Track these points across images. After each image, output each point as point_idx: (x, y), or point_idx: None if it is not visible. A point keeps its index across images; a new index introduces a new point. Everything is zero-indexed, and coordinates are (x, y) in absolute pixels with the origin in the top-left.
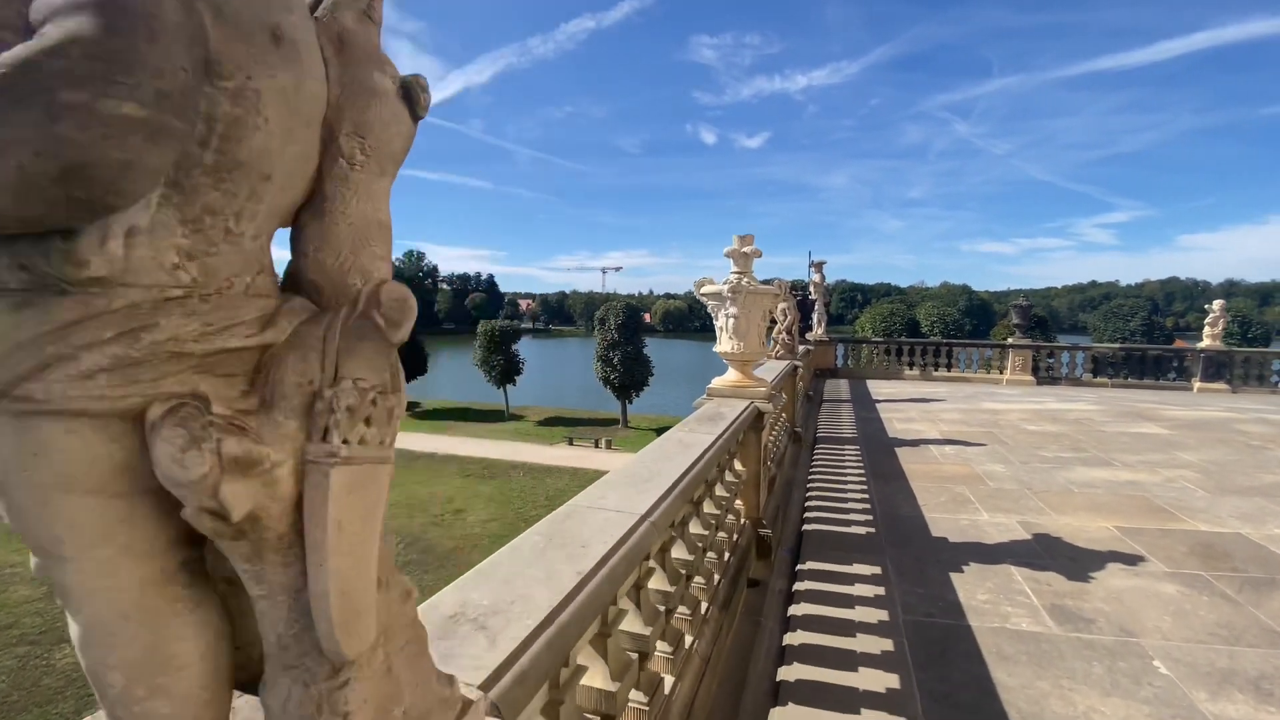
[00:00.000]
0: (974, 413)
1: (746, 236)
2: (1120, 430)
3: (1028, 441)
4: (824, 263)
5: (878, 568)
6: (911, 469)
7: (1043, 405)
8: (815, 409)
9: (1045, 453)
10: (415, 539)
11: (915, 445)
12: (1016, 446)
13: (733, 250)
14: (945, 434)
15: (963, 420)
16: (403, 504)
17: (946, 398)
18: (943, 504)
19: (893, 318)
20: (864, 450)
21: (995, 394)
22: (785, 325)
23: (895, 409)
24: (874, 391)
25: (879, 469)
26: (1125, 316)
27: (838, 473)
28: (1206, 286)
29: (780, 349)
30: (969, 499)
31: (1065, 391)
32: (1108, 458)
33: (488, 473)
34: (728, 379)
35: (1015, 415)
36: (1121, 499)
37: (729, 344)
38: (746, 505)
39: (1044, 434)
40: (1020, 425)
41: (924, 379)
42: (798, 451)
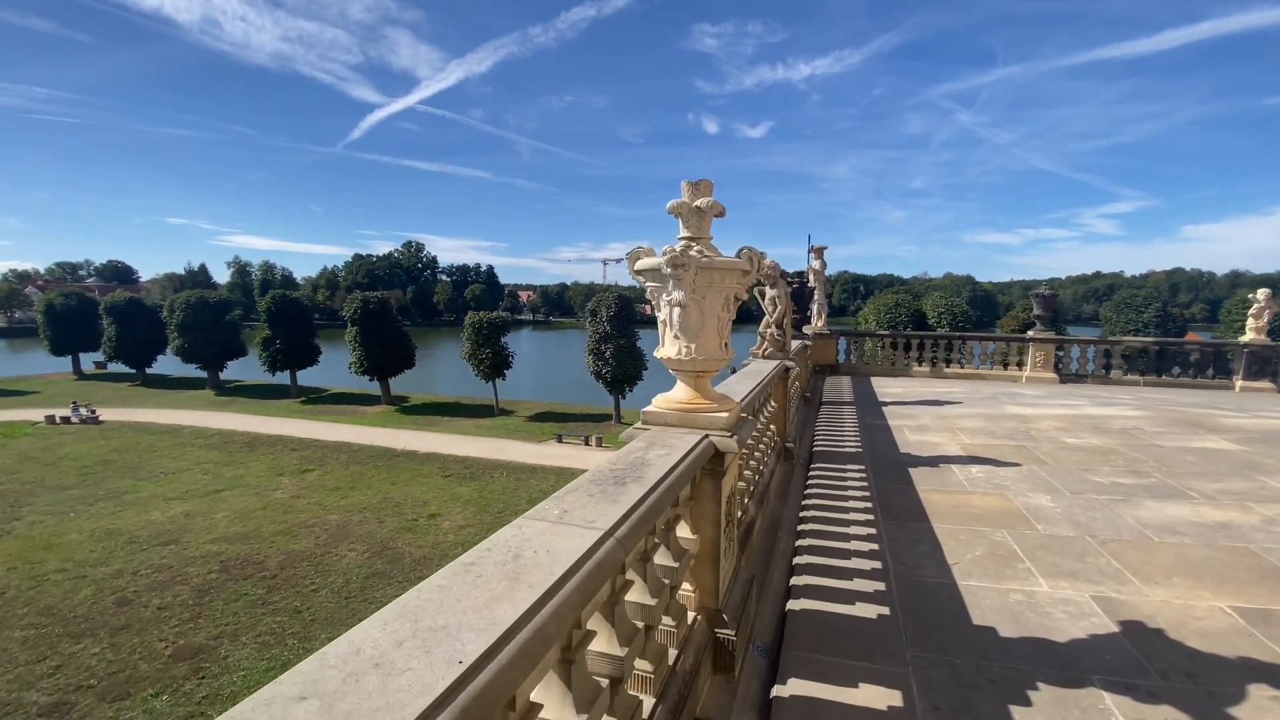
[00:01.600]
0: (998, 419)
1: (701, 183)
2: (1180, 445)
3: (1072, 460)
4: (825, 248)
5: (897, 691)
6: (932, 502)
7: (1077, 410)
8: (813, 413)
9: (1097, 477)
10: (383, 547)
11: (933, 465)
12: (1060, 469)
13: (680, 205)
14: (968, 449)
15: (986, 429)
16: (374, 507)
17: (963, 399)
18: (980, 562)
19: (898, 309)
20: (870, 473)
21: (1018, 395)
22: (775, 317)
23: (905, 414)
24: (880, 391)
25: (890, 503)
26: (1138, 308)
27: (838, 508)
28: (1212, 277)
29: (768, 346)
30: (1015, 553)
31: (1095, 391)
32: (1179, 485)
33: (469, 473)
34: (673, 398)
35: (1048, 423)
36: (1222, 555)
37: (674, 346)
38: (699, 591)
39: (1089, 450)
40: (1057, 437)
41: (934, 376)
42: (788, 475)
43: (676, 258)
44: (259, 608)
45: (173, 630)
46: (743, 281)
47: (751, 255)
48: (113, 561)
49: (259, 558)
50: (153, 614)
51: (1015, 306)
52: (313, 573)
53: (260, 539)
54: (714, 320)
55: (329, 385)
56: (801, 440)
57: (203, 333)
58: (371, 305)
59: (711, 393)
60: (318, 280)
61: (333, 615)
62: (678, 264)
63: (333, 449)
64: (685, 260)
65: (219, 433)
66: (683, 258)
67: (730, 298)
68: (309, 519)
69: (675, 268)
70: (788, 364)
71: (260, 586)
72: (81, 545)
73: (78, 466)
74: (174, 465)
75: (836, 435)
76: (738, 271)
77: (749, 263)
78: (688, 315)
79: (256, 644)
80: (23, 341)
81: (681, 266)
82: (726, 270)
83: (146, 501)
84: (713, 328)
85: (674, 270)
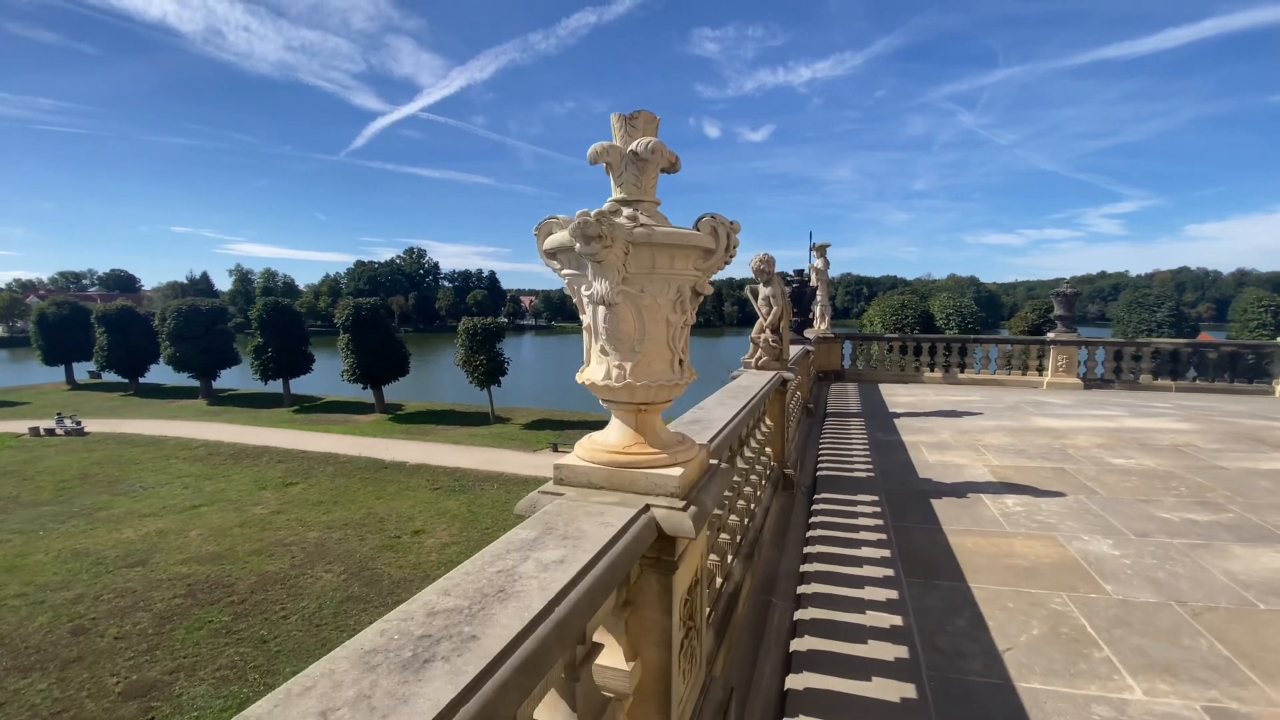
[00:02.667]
0: (1027, 434)
1: (639, 116)
2: (1246, 466)
3: (1125, 488)
4: (827, 245)
5: None
6: (965, 549)
7: (1114, 421)
8: (816, 426)
9: (1162, 511)
10: (362, 567)
11: (960, 495)
12: (1114, 499)
13: (606, 151)
14: (999, 472)
15: (1016, 447)
16: (356, 524)
17: (983, 409)
18: (1040, 647)
19: (904, 310)
20: (886, 506)
21: (1043, 404)
22: (771, 320)
23: (920, 427)
24: (890, 400)
25: (914, 550)
26: (1151, 307)
27: (848, 559)
28: (1218, 276)
29: (763, 354)
30: (1084, 632)
31: (1126, 399)
32: (1265, 523)
33: (458, 485)
34: (604, 443)
35: (1085, 439)
36: None
37: (600, 366)
38: None
39: (1142, 474)
40: (1100, 457)
41: (948, 382)
42: (787, 508)
43: (591, 225)
44: (223, 637)
45: (127, 663)
46: (704, 265)
47: (717, 226)
48: (75, 585)
49: (229, 580)
50: (108, 644)
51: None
52: (285, 597)
53: (233, 559)
54: (660, 326)
55: (325, 394)
56: (803, 463)
57: (195, 341)
58: (364, 312)
59: (660, 434)
60: (319, 287)
61: (300, 645)
62: (592, 236)
63: (319, 460)
64: (606, 230)
65: (204, 444)
66: (602, 225)
67: (685, 292)
68: (287, 536)
69: (590, 242)
70: (785, 375)
71: (227, 613)
72: (46, 566)
73: (56, 481)
74: (154, 479)
75: (844, 456)
76: (696, 251)
77: (712, 237)
78: (618, 318)
79: (215, 679)
80: (23, 351)
81: (599, 240)
82: (676, 248)
83: (120, 518)
84: (658, 337)
85: (587, 246)
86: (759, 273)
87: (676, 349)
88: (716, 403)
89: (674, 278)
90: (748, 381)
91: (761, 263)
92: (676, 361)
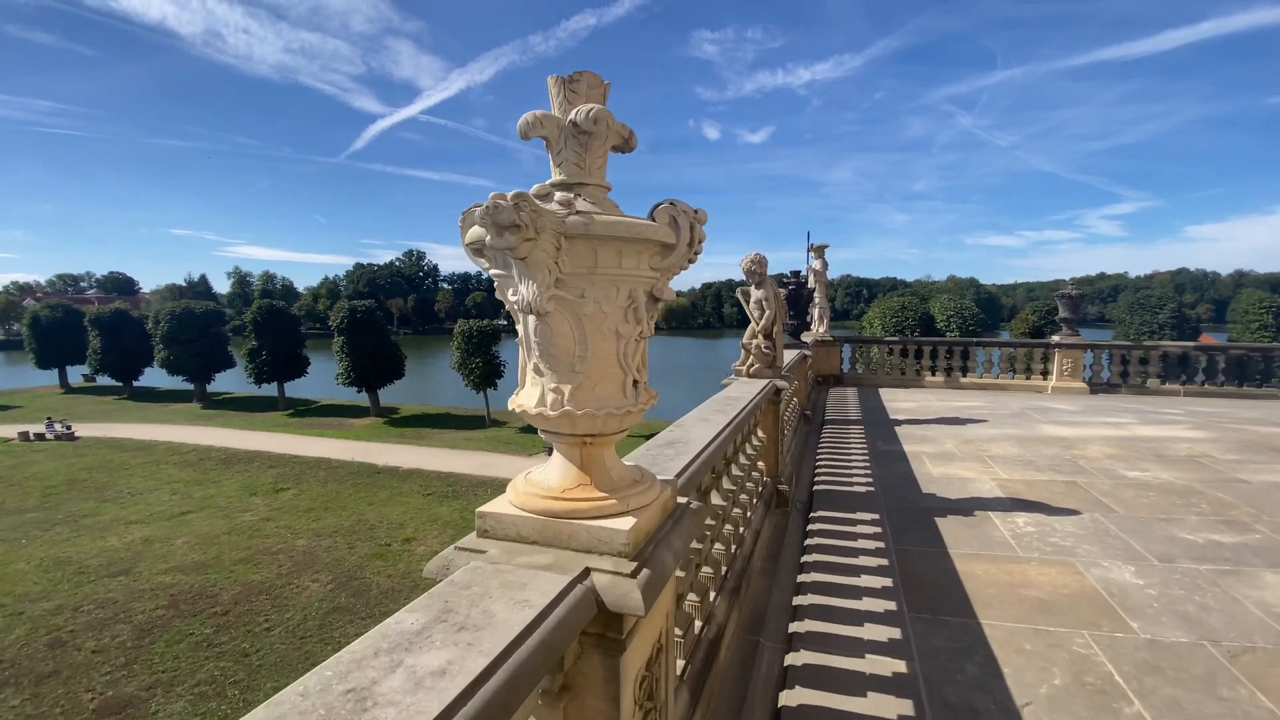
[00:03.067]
0: (1035, 443)
1: (581, 79)
2: (1270, 480)
3: (1143, 505)
4: (826, 246)
5: None
6: (974, 576)
7: (1125, 430)
8: (814, 435)
9: (1185, 531)
10: (350, 577)
11: (966, 513)
12: (1132, 518)
13: (540, 121)
14: (1007, 487)
15: (1024, 458)
16: (346, 531)
17: (988, 416)
18: (1064, 701)
19: (904, 312)
20: (887, 525)
21: (1050, 410)
22: (763, 324)
23: (923, 436)
24: (890, 406)
25: (918, 577)
26: (1153, 308)
27: (846, 589)
28: (1216, 277)
29: (755, 361)
30: (1111, 680)
31: (1135, 404)
32: None
33: (452, 491)
34: (542, 484)
35: (1097, 449)
36: None
37: (534, 389)
38: None
39: (1159, 488)
40: (1114, 469)
41: (950, 387)
42: (780, 529)
43: (505, 210)
44: (203, 650)
45: (103, 679)
46: (662, 264)
47: (676, 215)
48: (56, 595)
49: (213, 590)
50: (85, 658)
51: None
52: (269, 608)
53: (219, 568)
54: (606, 339)
55: (320, 397)
56: (799, 476)
57: (188, 344)
58: (359, 314)
59: (612, 471)
60: (318, 290)
61: (283, 659)
62: (507, 225)
63: (312, 465)
64: (527, 218)
65: (195, 449)
66: (520, 212)
67: (640, 297)
68: (274, 544)
69: (504, 232)
70: (779, 384)
71: (209, 625)
72: (27, 576)
73: (42, 486)
74: (143, 485)
75: (842, 468)
76: (650, 245)
77: (671, 228)
78: (552, 331)
79: (193, 695)
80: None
81: (517, 230)
82: (625, 242)
83: (106, 526)
84: (605, 353)
85: (502, 238)
86: (750, 274)
87: (630, 367)
88: (699, 418)
89: (624, 279)
90: (738, 392)
91: (753, 263)
92: (630, 383)
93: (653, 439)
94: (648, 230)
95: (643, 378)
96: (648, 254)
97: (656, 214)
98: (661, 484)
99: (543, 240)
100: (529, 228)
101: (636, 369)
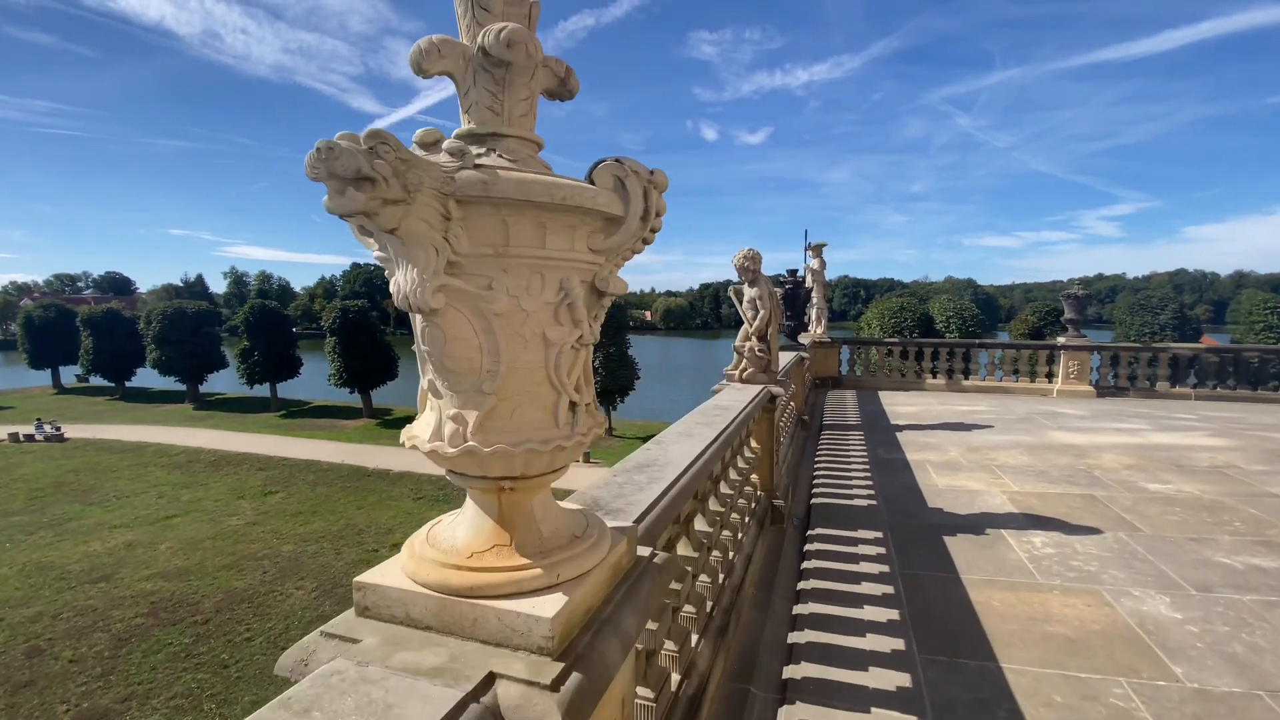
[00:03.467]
0: (1045, 451)
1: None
2: None
3: (1169, 522)
4: (824, 245)
5: None
6: (990, 608)
7: (1139, 437)
8: (812, 441)
9: (1220, 555)
10: (335, 584)
11: (978, 531)
12: (1160, 538)
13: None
14: (1019, 501)
15: (1035, 467)
16: (334, 536)
17: (993, 421)
18: None
19: (903, 313)
20: (891, 545)
21: (1058, 415)
22: (757, 326)
23: (926, 442)
24: (891, 410)
25: (928, 609)
26: (1154, 309)
27: (848, 624)
28: (1215, 278)
29: (748, 365)
30: None
31: (1145, 408)
32: None
33: (442, 494)
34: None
35: (1111, 457)
36: None
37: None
38: None
39: (1185, 503)
40: (1133, 481)
41: (952, 389)
42: (775, 549)
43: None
44: (181, 661)
45: (79, 689)
46: (606, 244)
47: (624, 177)
48: (36, 602)
49: (195, 598)
50: (62, 668)
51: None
52: (251, 616)
53: (202, 574)
54: (530, 347)
55: (313, 398)
56: (796, 488)
57: (180, 345)
58: (351, 314)
59: (543, 525)
60: (314, 290)
61: (263, 671)
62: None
63: (301, 468)
64: (389, 168)
65: (185, 451)
66: (377, 157)
67: (576, 289)
68: (260, 550)
69: (348, 188)
70: (774, 390)
71: (188, 634)
72: (9, 581)
73: (29, 489)
74: (129, 488)
75: (842, 478)
76: (587, 218)
77: (617, 195)
78: (444, 335)
79: (169, 708)
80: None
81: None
82: (548, 211)
83: (90, 530)
84: (529, 365)
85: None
86: (743, 271)
87: (564, 385)
88: (682, 433)
89: (551, 265)
90: (729, 399)
91: (746, 259)
92: (565, 406)
93: (625, 461)
94: (581, 195)
95: (584, 398)
96: (584, 230)
97: (596, 174)
98: (614, 534)
99: (419, 205)
100: (390, 183)
101: (575, 387)
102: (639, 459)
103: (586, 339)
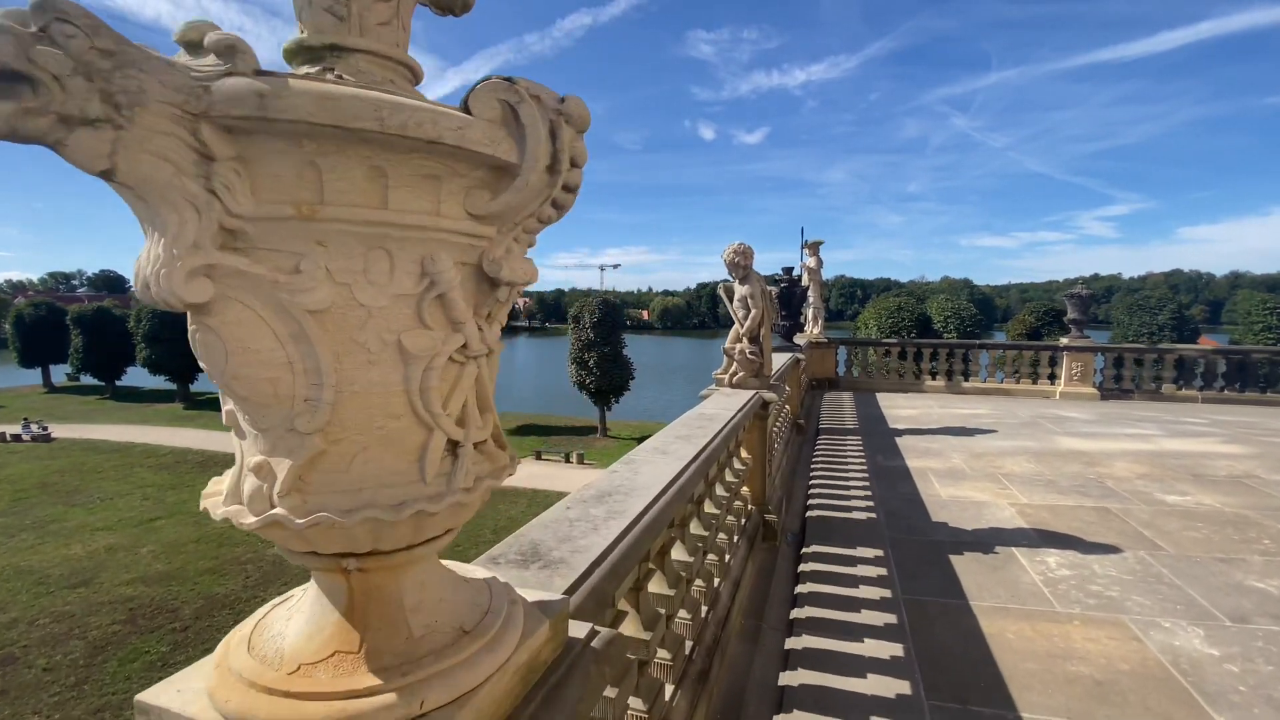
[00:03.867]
0: (1053, 459)
1: None
2: None
3: (1193, 540)
4: (820, 243)
5: None
6: (1004, 641)
7: (1152, 443)
8: (808, 447)
9: (1253, 578)
10: None
11: (986, 550)
12: (1186, 559)
13: None
14: (1028, 514)
15: (1043, 476)
16: None
17: (996, 426)
18: None
19: (901, 313)
20: (893, 566)
21: (1063, 419)
22: (748, 327)
23: (927, 449)
24: (890, 414)
25: (937, 645)
26: (1152, 309)
27: (846, 663)
28: (1211, 279)
29: (739, 369)
30: None
31: (1153, 412)
32: None
33: None
34: (265, 650)
35: (1124, 465)
36: None
37: (234, 468)
38: None
39: (1207, 517)
40: (1149, 492)
41: (951, 391)
42: (766, 570)
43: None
44: (157, 670)
45: (52, 699)
46: (491, 206)
47: (517, 105)
48: (12, 607)
49: (175, 604)
50: (35, 677)
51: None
52: (231, 623)
53: (183, 579)
54: (378, 358)
55: None
56: (790, 499)
57: (170, 343)
58: None
59: (416, 614)
60: None
61: None
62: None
63: None
64: (101, 64)
65: (172, 451)
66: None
67: (447, 273)
68: (243, 554)
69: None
70: (768, 395)
71: (166, 642)
72: None
73: (13, 490)
74: (115, 489)
75: (839, 488)
76: (463, 163)
77: (504, 129)
78: (223, 343)
79: None
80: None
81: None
82: (386, 149)
83: (71, 532)
84: (377, 385)
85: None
86: (733, 266)
87: (437, 417)
88: (657, 449)
89: (405, 237)
90: (716, 407)
91: (735, 254)
92: (439, 447)
93: (583, 490)
94: (441, 125)
95: (471, 434)
96: (457, 184)
97: (474, 99)
98: (532, 614)
99: (143, 131)
100: (68, 88)
101: (458, 419)
102: (603, 485)
103: (474, 348)
